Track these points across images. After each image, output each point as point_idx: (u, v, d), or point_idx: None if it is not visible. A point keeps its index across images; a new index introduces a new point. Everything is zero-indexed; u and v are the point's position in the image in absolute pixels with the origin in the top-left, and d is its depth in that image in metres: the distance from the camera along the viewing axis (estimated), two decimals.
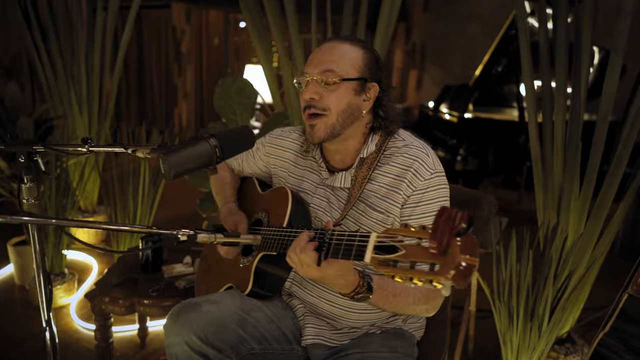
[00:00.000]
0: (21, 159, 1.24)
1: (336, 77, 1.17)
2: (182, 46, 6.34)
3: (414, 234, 0.81)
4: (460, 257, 0.72)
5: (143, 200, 2.69)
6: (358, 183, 1.24)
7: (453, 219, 0.75)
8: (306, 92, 1.20)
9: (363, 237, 0.90)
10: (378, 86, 1.23)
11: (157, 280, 1.91)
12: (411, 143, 1.24)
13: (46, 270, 1.29)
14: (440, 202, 1.20)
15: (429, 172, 1.19)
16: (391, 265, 0.80)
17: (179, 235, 1.02)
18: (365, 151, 1.25)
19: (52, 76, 3.18)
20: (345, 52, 1.19)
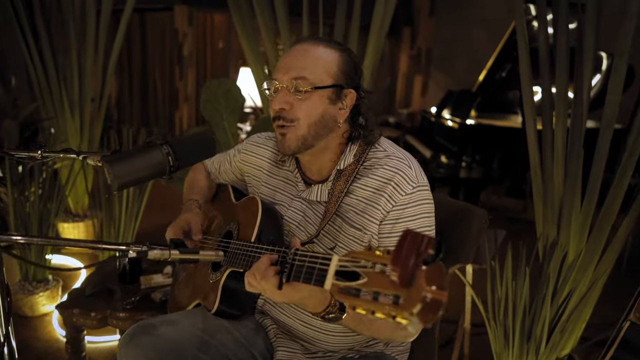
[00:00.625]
0: None
1: (308, 85, 1.07)
2: (184, 49, 6.29)
3: (378, 258, 0.71)
4: (426, 290, 0.63)
5: (128, 207, 2.61)
6: (335, 197, 1.14)
7: (418, 245, 0.65)
8: (275, 102, 1.11)
9: (325, 259, 0.80)
10: (355, 93, 1.13)
11: (134, 291, 1.82)
12: (393, 154, 1.14)
13: (4, 282, 1.21)
14: (423, 219, 1.10)
15: (410, 186, 1.09)
16: (353, 294, 0.71)
17: (130, 252, 0.93)
18: (343, 162, 1.16)
19: (43, 77, 3.12)
20: (318, 57, 1.10)
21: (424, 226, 1.09)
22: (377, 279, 0.69)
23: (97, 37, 3.20)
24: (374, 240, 1.11)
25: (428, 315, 0.62)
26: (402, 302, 0.64)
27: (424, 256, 0.64)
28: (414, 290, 0.63)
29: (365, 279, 0.70)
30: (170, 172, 0.92)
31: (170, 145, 0.91)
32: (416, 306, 0.63)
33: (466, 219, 1.31)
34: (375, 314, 0.67)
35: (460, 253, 1.33)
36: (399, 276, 0.65)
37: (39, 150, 1.12)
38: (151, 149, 0.89)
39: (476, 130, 4.02)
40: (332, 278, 0.77)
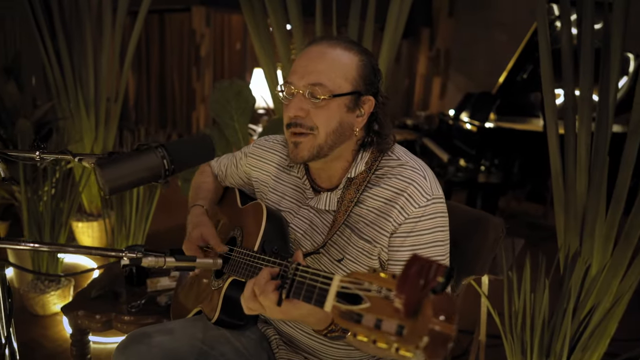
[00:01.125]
0: None
1: (326, 93, 1.00)
2: (201, 50, 6.31)
3: (383, 282, 0.66)
4: (433, 321, 0.57)
5: (138, 208, 2.60)
6: (344, 206, 1.08)
7: (426, 272, 0.59)
8: (290, 108, 1.03)
9: (326, 278, 0.75)
10: (374, 99, 1.06)
11: (140, 294, 1.79)
12: (407, 162, 1.07)
13: (6, 284, 1.19)
14: (436, 233, 1.03)
15: (424, 198, 1.02)
16: (354, 320, 0.65)
17: (124, 259, 0.89)
18: (354, 170, 1.09)
19: (59, 77, 3.14)
20: (337, 61, 1.02)
21: (437, 241, 1.03)
22: (380, 305, 0.63)
23: (113, 37, 3.21)
24: (383, 253, 1.05)
25: (435, 350, 0.57)
26: (407, 334, 0.58)
27: (433, 285, 0.58)
28: (420, 321, 0.57)
29: (368, 304, 0.65)
30: (166, 175, 0.88)
31: (166, 148, 0.87)
32: (422, 339, 0.57)
33: (482, 229, 1.24)
34: (376, 343, 0.62)
35: (475, 264, 1.26)
36: (404, 304, 0.59)
37: (37, 151, 1.10)
38: (145, 152, 0.85)
39: (495, 133, 3.91)
40: (332, 300, 0.71)
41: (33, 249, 0.88)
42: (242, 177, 1.36)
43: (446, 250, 1.06)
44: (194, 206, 1.28)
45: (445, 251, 1.05)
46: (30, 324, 2.44)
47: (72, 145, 3.04)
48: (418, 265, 0.60)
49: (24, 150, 1.10)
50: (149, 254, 0.91)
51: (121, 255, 0.90)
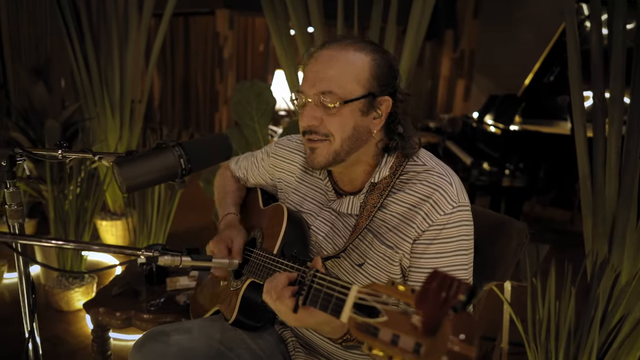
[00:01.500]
0: (3, 162, 1.17)
1: (336, 100, 0.98)
2: (225, 52, 6.38)
3: (401, 296, 0.64)
4: (452, 341, 0.54)
5: (159, 208, 2.63)
6: (367, 210, 1.06)
7: (447, 289, 0.57)
8: (303, 118, 1.01)
9: (344, 288, 0.74)
10: (391, 99, 1.03)
11: (160, 293, 1.81)
12: (432, 168, 1.04)
13: (30, 278, 1.21)
14: (460, 241, 1.00)
15: (450, 206, 0.99)
16: (371, 333, 0.63)
17: (140, 257, 0.89)
18: (377, 175, 1.06)
19: (86, 79, 3.21)
20: (347, 64, 0.99)
21: (460, 250, 1.00)
22: (398, 320, 0.61)
23: (138, 40, 3.27)
24: (405, 260, 1.02)
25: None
26: (424, 352, 0.56)
27: (453, 303, 0.56)
28: (439, 340, 0.55)
29: (385, 318, 0.63)
30: (183, 175, 0.88)
31: (183, 147, 0.87)
32: (440, 359, 0.55)
33: (505, 233, 1.21)
34: (393, 359, 0.60)
35: (497, 269, 1.22)
36: (423, 322, 0.57)
37: (60, 150, 1.12)
38: (162, 151, 0.85)
39: (520, 136, 3.82)
40: (349, 311, 0.70)
41: (56, 246, 0.89)
42: (264, 178, 1.35)
43: (469, 260, 1.02)
44: (227, 215, 1.28)
45: (469, 261, 1.02)
46: (55, 320, 2.50)
47: (96, 144, 3.11)
48: (439, 281, 0.58)
49: (48, 149, 1.12)
50: (166, 252, 0.91)
51: (138, 254, 0.90)
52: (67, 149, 1.11)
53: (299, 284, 0.84)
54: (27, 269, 1.18)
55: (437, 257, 0.99)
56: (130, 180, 0.82)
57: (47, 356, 2.17)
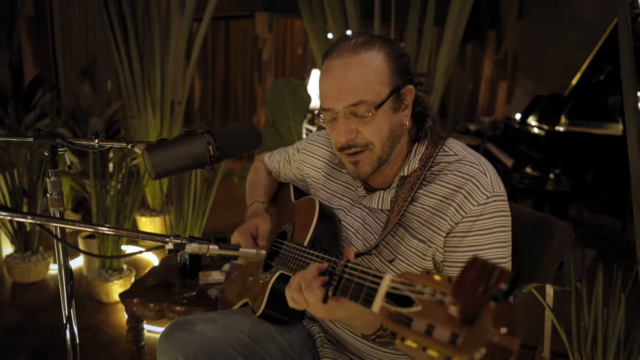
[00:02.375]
0: (46, 152, 1.21)
1: (369, 108, 0.95)
2: (264, 55, 6.46)
3: (437, 285, 0.60)
4: (492, 332, 0.51)
5: (195, 205, 2.68)
6: (398, 205, 1.03)
7: (487, 277, 0.54)
8: (339, 134, 0.98)
9: (376, 277, 0.71)
10: (413, 86, 1.01)
11: (192, 286, 1.84)
12: (465, 158, 1.00)
13: (68, 266, 1.25)
14: (496, 233, 0.95)
15: (484, 195, 0.94)
16: (403, 323, 0.60)
17: (167, 245, 0.90)
18: (407, 168, 1.04)
19: (129, 79, 3.33)
20: (367, 69, 0.95)
21: (497, 242, 0.95)
22: (433, 310, 0.58)
23: (179, 43, 3.37)
24: (438, 254, 0.99)
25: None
26: (460, 343, 0.53)
27: (494, 291, 0.53)
28: (477, 331, 0.52)
29: (420, 307, 0.60)
30: (212, 162, 0.88)
31: (212, 134, 0.87)
32: (478, 351, 0.51)
33: (546, 232, 1.14)
34: (427, 350, 0.56)
35: (537, 270, 1.15)
36: (460, 311, 0.54)
37: (96, 139, 1.16)
38: (192, 138, 0.86)
39: (566, 138, 3.64)
40: (381, 300, 0.67)
41: (76, 227, 0.91)
42: (295, 173, 1.34)
43: (507, 253, 0.97)
44: (254, 203, 1.29)
45: (507, 254, 0.97)
46: (95, 310, 2.58)
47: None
48: (478, 268, 0.55)
49: (84, 139, 1.15)
50: (193, 240, 0.91)
51: (167, 241, 0.90)
52: (103, 139, 1.15)
53: (329, 275, 0.82)
54: (66, 256, 1.22)
55: (472, 251, 0.94)
56: (159, 166, 0.83)
57: (86, 345, 2.25)
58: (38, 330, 2.36)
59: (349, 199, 1.15)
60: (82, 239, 2.93)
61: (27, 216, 0.89)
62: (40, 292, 2.78)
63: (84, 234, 3.02)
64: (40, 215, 0.93)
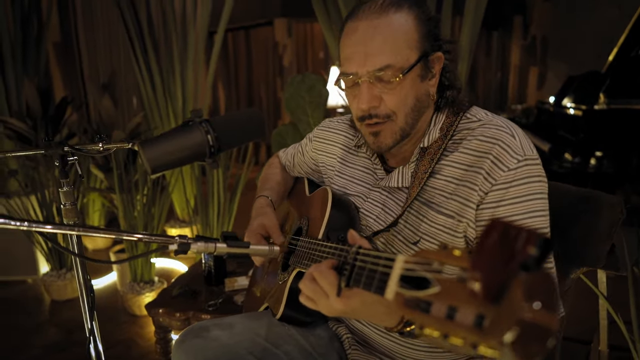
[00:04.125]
0: (56, 162, 1.19)
1: (397, 73, 0.87)
2: (284, 60, 6.45)
3: (456, 261, 0.51)
4: (524, 309, 0.42)
5: (220, 213, 2.65)
6: (418, 178, 0.94)
7: (512, 241, 0.44)
8: (362, 100, 0.90)
9: (388, 260, 0.62)
10: (442, 54, 0.92)
11: (218, 293, 1.78)
12: (490, 122, 0.91)
13: (88, 279, 1.22)
14: (533, 200, 0.85)
15: (515, 159, 0.85)
16: (421, 308, 0.51)
17: (172, 245, 0.84)
18: (427, 139, 0.95)
19: (151, 91, 3.35)
20: (394, 31, 0.87)
21: (534, 211, 0.85)
22: (454, 289, 0.49)
23: (196, 54, 3.38)
24: (470, 230, 0.89)
25: (528, 348, 0.41)
26: (488, 326, 0.44)
27: (521, 258, 0.43)
28: (506, 309, 0.43)
29: (438, 288, 0.51)
30: (212, 153, 0.82)
31: (210, 123, 0.80)
32: (509, 332, 0.42)
33: (593, 209, 1.01)
34: (448, 338, 0.47)
35: (586, 253, 1.03)
36: (483, 286, 0.45)
37: (100, 143, 1.12)
38: (188, 128, 0.79)
39: (607, 116, 3.41)
40: (395, 285, 0.58)
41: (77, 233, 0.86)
42: (309, 164, 1.29)
43: (547, 222, 0.87)
44: (258, 197, 1.23)
45: (547, 223, 0.87)
46: (129, 324, 2.58)
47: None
48: (499, 232, 0.45)
49: (89, 144, 1.12)
50: (199, 239, 0.84)
51: (172, 242, 0.85)
52: (107, 142, 1.11)
53: (342, 265, 0.74)
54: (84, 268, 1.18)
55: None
56: (154, 160, 0.77)
57: (120, 358, 2.24)
58: (75, 347, 2.37)
59: (366, 183, 1.07)
60: (113, 254, 2.95)
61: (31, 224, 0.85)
62: (78, 308, 2.81)
63: (115, 249, 3.04)
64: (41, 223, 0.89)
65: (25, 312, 2.79)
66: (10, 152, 1.25)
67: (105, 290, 3.02)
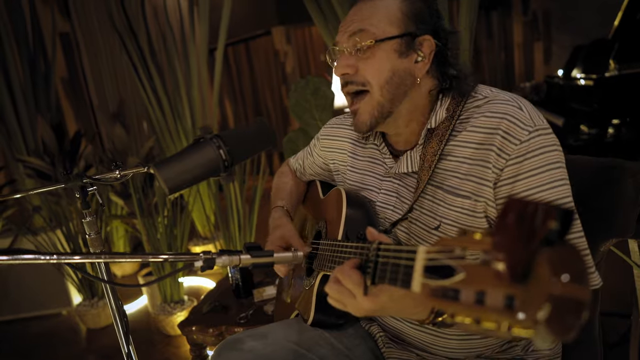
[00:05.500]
0: (77, 194, 1.22)
1: (368, 38, 0.91)
2: (287, 67, 6.48)
3: (478, 245, 0.51)
4: (553, 284, 0.41)
5: (240, 226, 2.67)
6: (427, 161, 0.94)
7: (530, 217, 0.44)
8: (337, 67, 0.96)
9: (410, 252, 0.62)
10: (433, 38, 0.92)
11: (248, 305, 1.80)
12: (495, 97, 0.91)
13: (120, 304, 1.24)
14: (551, 171, 0.84)
15: (525, 131, 0.84)
16: (450, 297, 0.51)
17: (197, 262, 0.85)
18: (434, 119, 0.95)
19: (159, 113, 3.40)
20: (377, 6, 0.93)
21: (554, 180, 0.83)
22: (478, 273, 0.49)
23: (199, 71, 3.42)
24: (490, 209, 0.88)
25: (563, 323, 0.41)
26: (519, 305, 0.44)
27: (544, 233, 0.43)
28: (535, 286, 0.43)
29: (463, 274, 0.51)
30: (226, 168, 0.83)
31: (221, 138, 0.81)
32: (541, 310, 0.41)
33: (616, 178, 0.99)
34: (481, 323, 0.47)
35: (614, 224, 1.01)
36: (508, 266, 0.45)
37: (117, 170, 1.15)
38: (200, 146, 0.81)
39: (620, 82, 3.34)
40: (420, 277, 0.58)
41: (97, 260, 0.88)
42: (319, 165, 1.29)
43: (569, 190, 0.86)
44: (274, 208, 1.24)
45: (569, 192, 0.86)
46: (164, 344, 2.61)
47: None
48: (516, 210, 0.45)
49: (106, 173, 1.15)
50: (223, 253, 0.85)
51: (197, 258, 0.86)
52: (123, 169, 1.14)
53: (364, 263, 0.74)
54: (115, 295, 1.21)
55: (528, 195, 0.83)
56: (171, 180, 0.78)
57: None
58: None
59: (377, 174, 1.08)
60: (141, 277, 3.00)
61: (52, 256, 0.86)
62: (113, 335, 2.86)
63: (143, 273, 3.09)
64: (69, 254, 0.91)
65: (63, 343, 2.85)
66: (33, 190, 1.29)
67: (137, 314, 3.06)
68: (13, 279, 3.11)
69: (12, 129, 3.32)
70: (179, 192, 0.80)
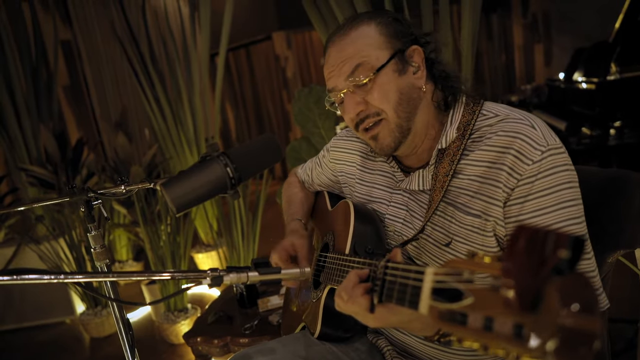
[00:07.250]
0: (82, 208, 1.22)
1: (368, 72, 0.92)
2: (287, 72, 6.49)
3: (486, 269, 0.51)
4: (562, 315, 0.41)
5: (244, 234, 2.67)
6: (440, 181, 0.94)
7: (541, 245, 0.44)
8: (348, 110, 0.96)
9: (418, 273, 0.62)
10: (419, 46, 0.95)
11: (253, 315, 1.79)
12: (508, 116, 0.90)
13: (126, 319, 1.24)
14: (563, 190, 0.83)
15: (538, 151, 0.83)
16: (458, 321, 0.51)
17: (204, 280, 0.84)
18: (445, 139, 0.95)
19: (162, 122, 3.40)
20: (358, 40, 0.94)
21: (564, 201, 0.83)
22: (488, 299, 0.48)
23: (201, 79, 3.42)
24: (499, 228, 0.88)
25: (573, 354, 0.41)
26: (527, 335, 0.43)
27: (554, 262, 0.43)
28: (544, 316, 0.42)
29: (472, 299, 0.50)
30: (233, 185, 0.82)
31: (228, 155, 0.81)
32: (550, 341, 0.41)
33: (622, 189, 0.99)
34: (488, 350, 0.47)
35: (620, 235, 1.00)
36: (517, 294, 0.44)
37: (122, 185, 1.15)
38: (207, 164, 0.80)
39: (622, 85, 3.33)
40: (428, 299, 0.58)
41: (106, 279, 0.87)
42: (328, 176, 1.29)
43: (579, 210, 0.85)
44: (292, 221, 1.24)
45: (580, 212, 0.85)
46: (168, 353, 2.61)
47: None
48: (527, 237, 0.45)
49: (112, 187, 1.15)
50: (232, 270, 0.85)
51: (204, 276, 0.85)
52: (128, 184, 1.14)
53: (372, 280, 0.74)
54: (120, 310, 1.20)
55: (537, 216, 0.83)
56: (179, 199, 0.78)
57: None
58: None
59: (388, 187, 1.08)
60: (145, 286, 2.99)
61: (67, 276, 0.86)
62: (117, 343, 2.85)
63: (147, 280, 3.08)
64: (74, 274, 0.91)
65: (67, 352, 2.85)
66: (37, 202, 1.29)
67: (141, 321, 3.06)
68: (17, 288, 3.11)
69: (14, 137, 3.32)
70: (186, 210, 0.80)
